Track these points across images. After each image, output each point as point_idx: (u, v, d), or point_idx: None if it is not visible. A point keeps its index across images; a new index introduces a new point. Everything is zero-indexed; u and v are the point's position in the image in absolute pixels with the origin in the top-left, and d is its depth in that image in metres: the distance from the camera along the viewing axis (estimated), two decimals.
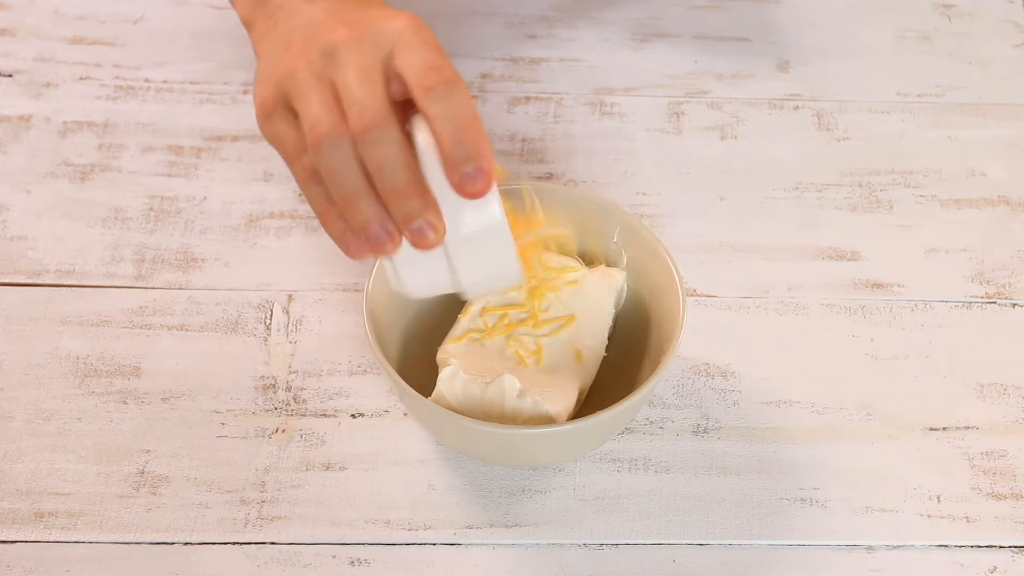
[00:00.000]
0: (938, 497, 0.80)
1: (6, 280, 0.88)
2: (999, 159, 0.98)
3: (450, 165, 0.63)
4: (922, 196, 0.95)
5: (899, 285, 0.90)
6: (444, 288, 0.69)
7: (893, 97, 1.02)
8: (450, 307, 0.82)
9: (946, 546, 0.78)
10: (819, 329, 0.88)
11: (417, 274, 0.67)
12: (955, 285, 0.90)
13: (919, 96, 1.02)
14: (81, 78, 1.00)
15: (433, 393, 0.76)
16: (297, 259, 0.90)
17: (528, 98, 1.01)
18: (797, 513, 0.79)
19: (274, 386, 0.83)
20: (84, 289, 0.88)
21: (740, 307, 0.89)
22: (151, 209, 0.92)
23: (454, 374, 0.76)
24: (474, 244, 0.66)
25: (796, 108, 1.01)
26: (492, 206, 0.66)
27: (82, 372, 0.84)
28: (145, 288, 0.88)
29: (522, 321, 0.78)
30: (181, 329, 0.86)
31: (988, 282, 0.90)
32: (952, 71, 1.04)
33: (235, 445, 0.81)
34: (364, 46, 0.65)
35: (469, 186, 0.63)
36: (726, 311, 0.88)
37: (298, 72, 0.66)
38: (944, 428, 0.83)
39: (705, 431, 0.82)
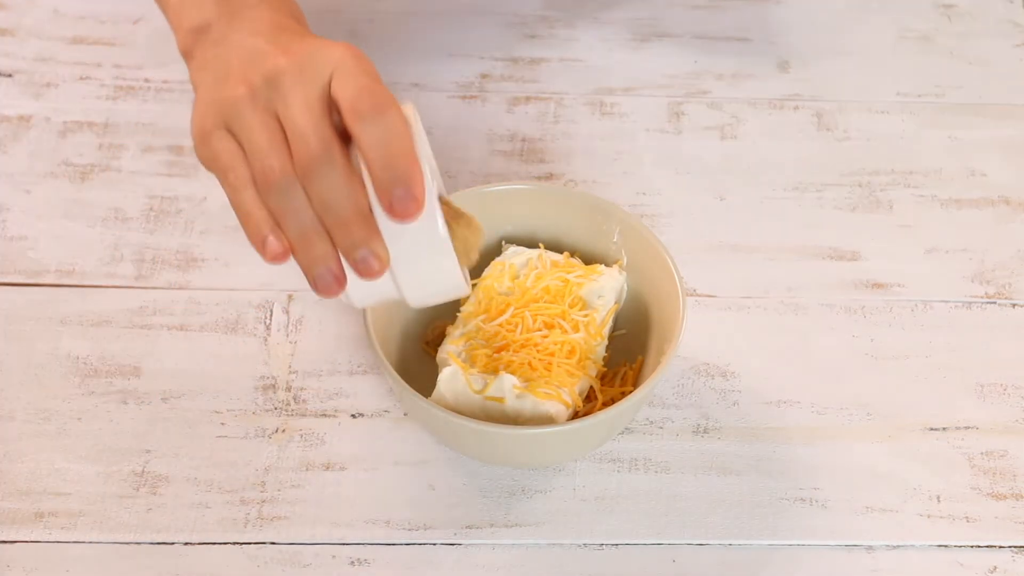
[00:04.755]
0: (938, 497, 0.80)
1: (6, 280, 0.88)
2: (999, 159, 0.98)
3: (380, 190, 0.64)
4: (922, 196, 0.95)
5: (899, 285, 0.90)
6: (389, 299, 0.70)
7: (893, 97, 1.02)
8: (450, 307, 0.82)
9: (946, 546, 0.78)
10: (819, 329, 0.88)
11: (361, 286, 0.68)
12: (955, 285, 0.90)
13: (919, 96, 1.02)
14: (81, 78, 1.00)
15: (433, 393, 0.76)
16: None
17: (528, 98, 1.01)
18: (797, 513, 0.79)
19: (274, 386, 0.83)
20: (84, 289, 0.88)
21: (740, 307, 0.89)
22: (151, 209, 0.92)
23: (454, 374, 0.76)
24: (415, 261, 0.67)
25: (796, 108, 1.01)
26: (432, 224, 0.66)
27: (82, 372, 0.84)
28: (145, 288, 0.88)
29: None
30: (181, 329, 0.86)
31: (988, 282, 0.90)
32: (952, 71, 1.04)
33: (235, 445, 0.81)
34: (305, 74, 0.66)
35: (399, 210, 0.64)
36: (726, 311, 0.88)
37: (239, 100, 0.66)
38: (944, 428, 0.83)
39: (705, 431, 0.82)
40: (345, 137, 0.66)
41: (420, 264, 0.67)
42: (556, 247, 0.84)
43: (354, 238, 0.65)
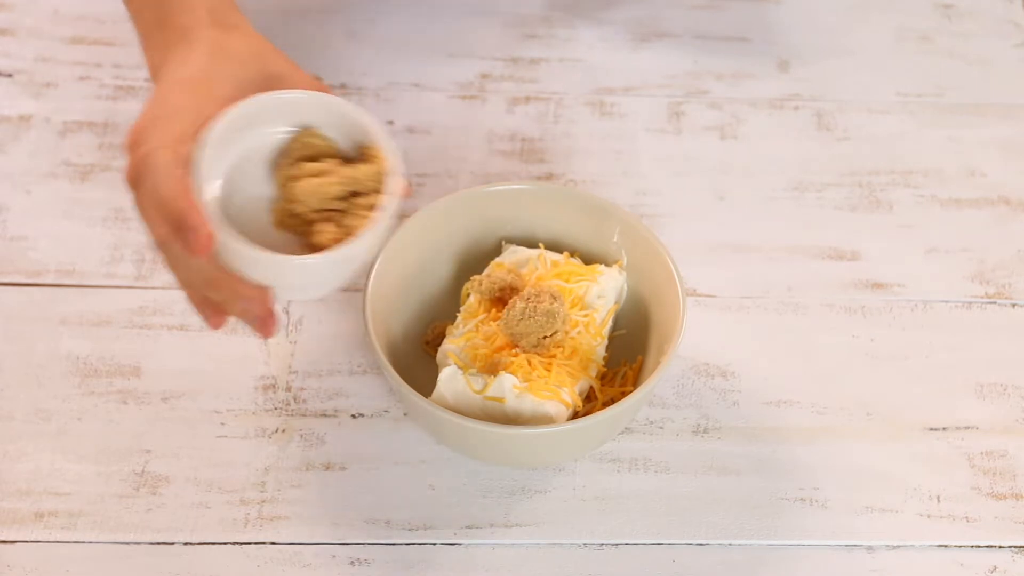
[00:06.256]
0: (938, 497, 0.80)
1: (6, 280, 0.88)
2: (999, 159, 0.98)
3: (175, 239, 0.67)
4: (922, 196, 0.95)
5: (899, 285, 0.90)
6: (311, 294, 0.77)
7: (893, 97, 1.02)
8: (450, 306, 0.82)
9: (946, 546, 0.78)
10: (819, 329, 0.88)
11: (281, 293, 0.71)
12: (955, 285, 0.90)
13: (919, 96, 1.02)
14: (81, 78, 1.00)
15: (433, 393, 0.76)
16: None
17: (528, 98, 1.01)
18: (797, 513, 0.79)
19: (274, 386, 0.83)
20: (84, 289, 0.88)
21: (740, 307, 0.89)
22: None
23: (454, 374, 0.76)
24: (266, 278, 0.69)
25: (796, 108, 1.01)
26: (236, 245, 0.67)
27: (82, 372, 0.84)
28: (145, 288, 0.88)
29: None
30: (181, 329, 0.86)
31: (988, 282, 0.90)
32: (952, 71, 1.04)
33: (235, 445, 0.81)
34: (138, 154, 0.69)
35: (194, 249, 0.66)
36: (726, 311, 0.88)
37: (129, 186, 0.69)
38: (944, 428, 0.83)
39: (705, 431, 0.82)
40: None
41: (267, 276, 0.69)
42: (556, 247, 0.84)
43: (222, 297, 0.69)
